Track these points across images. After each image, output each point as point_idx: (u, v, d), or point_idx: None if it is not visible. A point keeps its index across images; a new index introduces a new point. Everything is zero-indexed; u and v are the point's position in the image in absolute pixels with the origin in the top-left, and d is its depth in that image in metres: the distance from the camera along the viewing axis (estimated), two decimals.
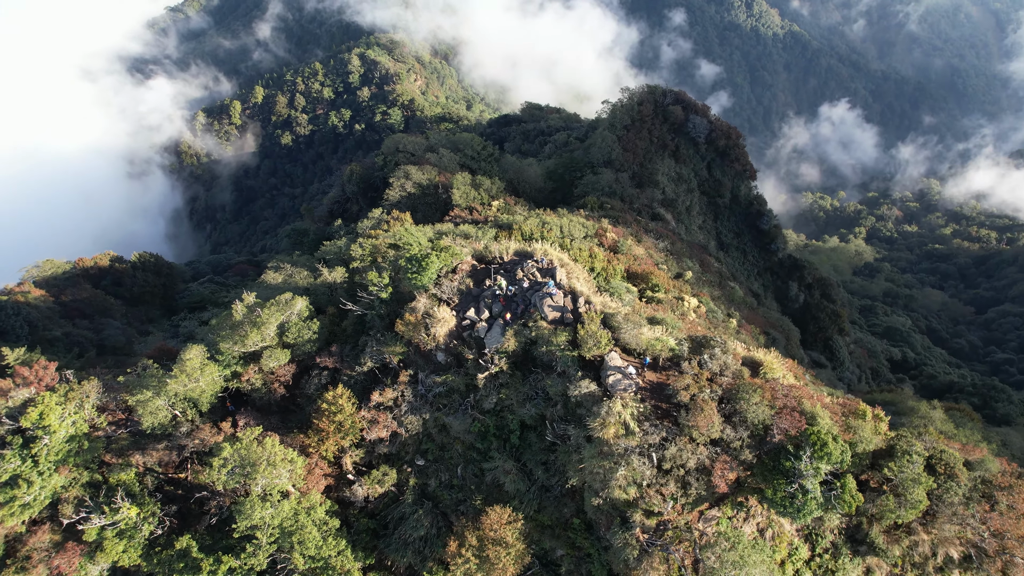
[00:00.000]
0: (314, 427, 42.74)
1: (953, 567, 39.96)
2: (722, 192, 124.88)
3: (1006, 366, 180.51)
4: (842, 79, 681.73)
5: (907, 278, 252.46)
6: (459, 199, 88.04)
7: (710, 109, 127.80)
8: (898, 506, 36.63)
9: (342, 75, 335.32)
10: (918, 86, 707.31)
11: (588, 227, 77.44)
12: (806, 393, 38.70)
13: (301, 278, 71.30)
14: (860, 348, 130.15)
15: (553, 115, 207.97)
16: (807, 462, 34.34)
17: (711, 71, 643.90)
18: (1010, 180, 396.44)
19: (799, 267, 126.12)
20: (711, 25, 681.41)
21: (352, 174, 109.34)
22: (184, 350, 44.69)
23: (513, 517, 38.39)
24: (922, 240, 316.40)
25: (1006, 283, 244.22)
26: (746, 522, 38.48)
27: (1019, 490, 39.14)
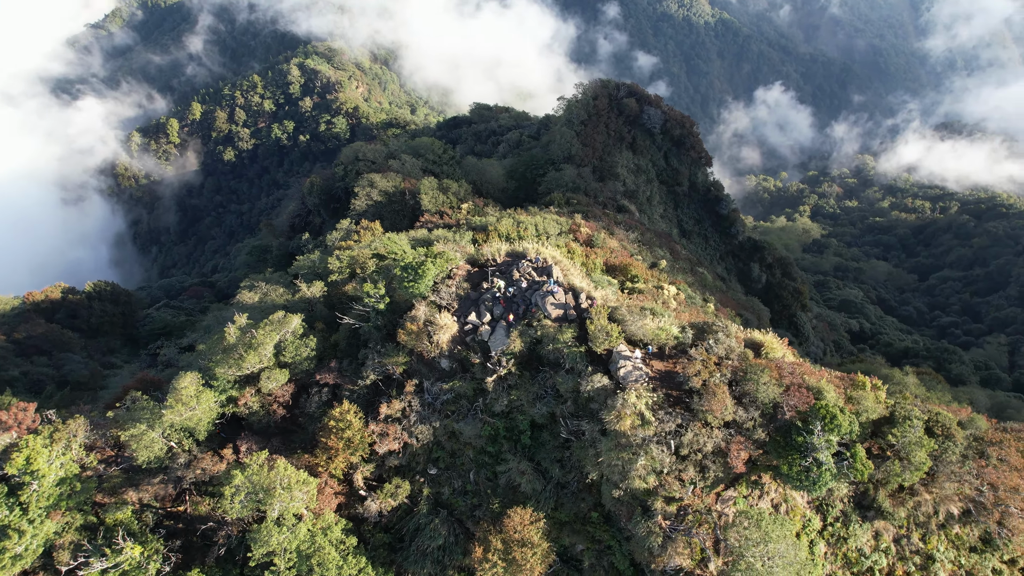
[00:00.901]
0: (321, 445, 41.97)
1: (954, 523, 41.92)
2: (680, 180, 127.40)
3: (951, 328, 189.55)
4: (773, 63, 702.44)
5: (853, 251, 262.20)
6: (428, 204, 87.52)
7: (663, 100, 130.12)
8: (903, 469, 38.17)
9: (282, 86, 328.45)
10: (844, 67, 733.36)
11: (562, 223, 77.98)
12: (808, 369, 39.99)
13: (277, 296, 70.00)
14: (822, 323, 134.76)
15: (503, 114, 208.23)
16: (819, 435, 35.50)
17: (648, 62, 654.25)
18: (936, 152, 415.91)
19: (759, 248, 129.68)
20: (644, 17, 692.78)
21: (312, 186, 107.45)
22: (177, 378, 43.27)
23: (536, 517, 38.50)
24: (863, 214, 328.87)
25: (943, 250, 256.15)
26: (761, 499, 39.53)
27: (1008, 444, 41.25)
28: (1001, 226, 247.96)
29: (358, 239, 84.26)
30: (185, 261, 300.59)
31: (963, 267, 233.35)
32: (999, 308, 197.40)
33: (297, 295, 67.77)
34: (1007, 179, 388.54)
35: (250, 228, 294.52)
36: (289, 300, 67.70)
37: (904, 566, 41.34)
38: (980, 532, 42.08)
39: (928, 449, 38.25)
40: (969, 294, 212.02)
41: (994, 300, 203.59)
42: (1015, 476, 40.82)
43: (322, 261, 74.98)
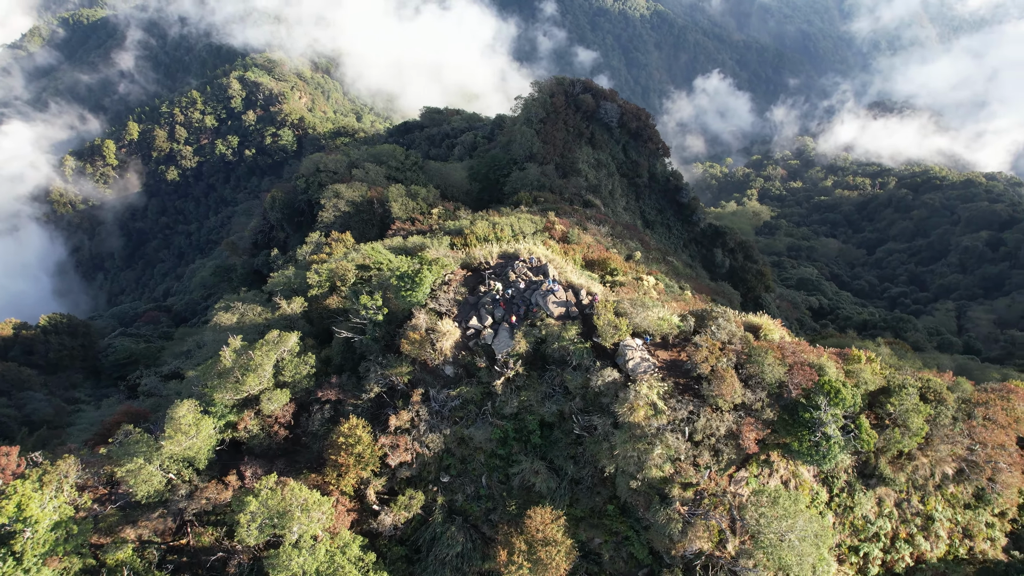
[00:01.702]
0: (331, 463, 41.25)
1: (949, 483, 43.92)
2: (640, 172, 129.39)
3: (902, 298, 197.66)
4: (709, 52, 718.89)
5: (803, 231, 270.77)
6: (398, 211, 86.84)
7: (618, 94, 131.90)
8: (903, 436, 39.75)
9: (223, 101, 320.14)
10: (777, 52, 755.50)
11: (536, 222, 78.34)
12: (806, 347, 41.26)
13: (255, 315, 68.28)
14: (785, 302, 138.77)
15: (455, 117, 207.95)
16: (826, 410, 36.69)
17: (588, 57, 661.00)
18: (871, 130, 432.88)
19: (721, 234, 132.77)
20: (581, 12, 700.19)
21: (274, 201, 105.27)
22: (173, 407, 41.92)
23: (556, 515, 38.68)
24: (808, 194, 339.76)
25: (886, 224, 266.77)
26: (771, 477, 40.62)
27: (993, 403, 43.37)
28: (937, 198, 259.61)
29: (330, 251, 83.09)
30: (134, 287, 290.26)
31: (906, 239, 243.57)
32: (942, 276, 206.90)
33: (277, 313, 66.33)
34: (936, 152, 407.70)
35: (201, 248, 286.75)
36: (269, 318, 66.10)
37: (907, 528, 43.12)
38: (973, 489, 44.16)
39: (925, 415, 39.91)
40: (914, 264, 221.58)
41: (937, 268, 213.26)
42: (1001, 433, 42.98)
43: (298, 276, 73.62)
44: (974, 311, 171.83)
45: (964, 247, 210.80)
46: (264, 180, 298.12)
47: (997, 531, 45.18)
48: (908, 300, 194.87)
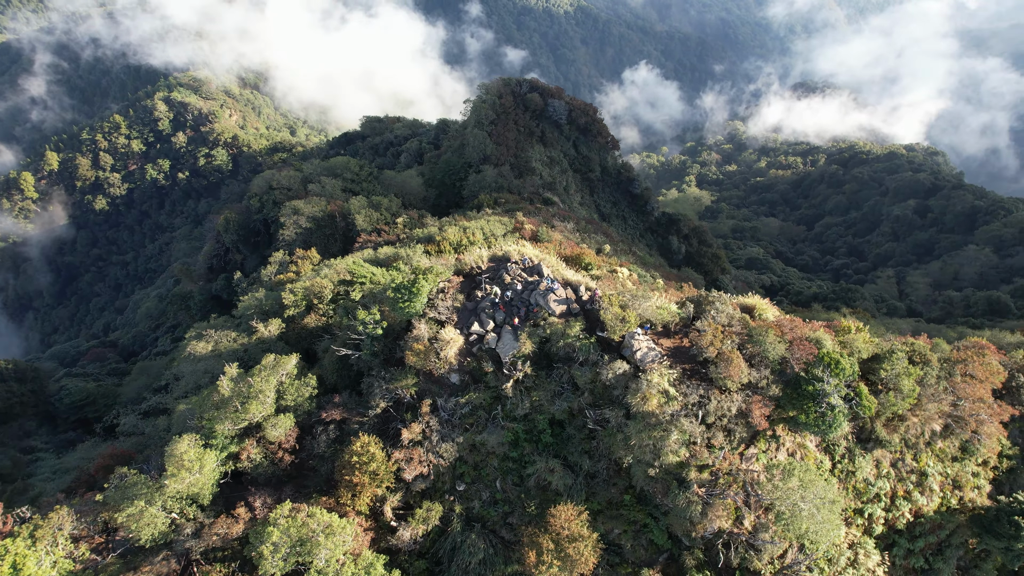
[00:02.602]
0: (345, 483, 40.47)
1: (937, 439, 46.26)
2: (592, 167, 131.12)
3: (844, 270, 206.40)
4: (635, 44, 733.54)
5: (744, 212, 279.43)
6: (363, 223, 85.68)
7: (564, 91, 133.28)
8: (897, 399, 41.71)
9: (149, 124, 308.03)
10: (699, 41, 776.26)
11: (506, 223, 78.60)
12: (800, 323, 42.78)
13: (230, 341, 66.45)
14: (740, 283, 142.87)
15: (396, 124, 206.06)
16: (828, 382, 38.19)
17: (517, 56, 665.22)
18: (796, 111, 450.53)
19: (674, 221, 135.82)
20: (506, 12, 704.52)
21: (228, 223, 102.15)
22: (172, 444, 40.43)
23: (579, 510, 39.01)
24: (744, 176, 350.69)
25: (820, 199, 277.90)
26: (779, 451, 41.96)
27: (971, 360, 45.96)
28: (865, 171, 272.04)
29: (297, 269, 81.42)
30: (68, 324, 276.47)
31: (841, 213, 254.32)
32: (878, 245, 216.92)
33: (254, 337, 64.71)
34: (857, 127, 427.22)
35: (140, 278, 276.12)
36: (246, 343, 64.40)
37: (903, 486, 45.25)
38: (959, 443, 46.66)
39: (915, 377, 41.98)
40: (851, 236, 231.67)
41: (873, 239, 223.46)
42: (980, 387, 45.57)
43: (270, 298, 71.94)
44: (912, 276, 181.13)
45: (895, 216, 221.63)
46: (201, 203, 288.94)
47: (982, 479, 47.90)
48: (850, 271, 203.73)
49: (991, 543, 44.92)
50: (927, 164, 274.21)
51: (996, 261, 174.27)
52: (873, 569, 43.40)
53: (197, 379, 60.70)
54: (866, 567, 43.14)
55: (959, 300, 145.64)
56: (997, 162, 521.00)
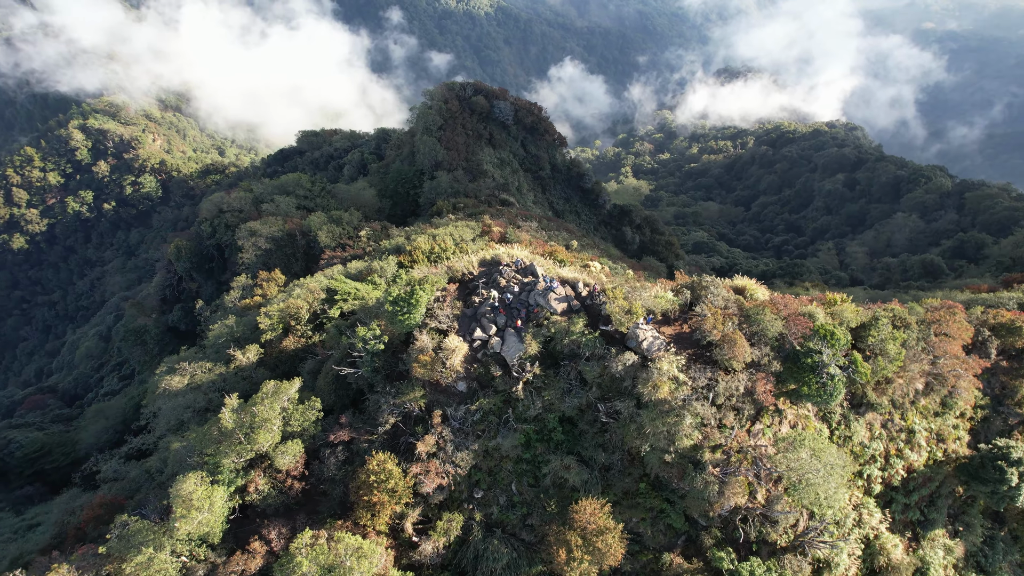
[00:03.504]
0: (363, 504, 39.77)
1: (920, 397, 48.81)
2: (542, 165, 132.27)
3: (785, 246, 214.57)
4: (557, 41, 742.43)
5: (683, 198, 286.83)
6: (326, 239, 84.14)
7: (508, 92, 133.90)
8: (885, 363, 43.84)
9: (65, 154, 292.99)
10: (620, 34, 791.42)
11: (473, 227, 78.60)
12: (791, 299, 44.43)
13: (205, 372, 64.41)
14: (694, 267, 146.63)
15: (335, 137, 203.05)
16: (826, 352, 39.86)
17: (443, 60, 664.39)
18: (721, 96, 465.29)
19: (627, 212, 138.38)
20: (427, 17, 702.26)
21: (180, 251, 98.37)
22: (177, 483, 38.90)
23: (601, 502, 39.50)
24: (678, 164, 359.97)
25: (754, 180, 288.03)
26: (782, 424, 43.46)
27: (944, 319, 48.71)
28: (793, 150, 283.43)
29: (263, 292, 79.37)
30: None
31: (775, 191, 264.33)
32: (814, 220, 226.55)
33: (232, 365, 62.88)
34: (779, 108, 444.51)
35: (71, 318, 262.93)
36: (224, 373, 62.48)
37: (895, 445, 47.58)
38: (939, 399, 49.35)
39: (900, 341, 44.22)
40: (787, 213, 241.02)
41: (808, 214, 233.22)
42: (954, 345, 48.34)
43: (242, 323, 70.05)
44: (850, 246, 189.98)
45: (826, 191, 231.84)
46: (132, 233, 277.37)
47: (961, 431, 50.84)
48: (790, 246, 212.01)
49: (978, 489, 47.77)
50: (849, 139, 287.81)
51: (923, 226, 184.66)
52: (876, 526, 45.51)
53: (178, 415, 58.58)
54: (870, 525, 45.21)
55: (896, 266, 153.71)
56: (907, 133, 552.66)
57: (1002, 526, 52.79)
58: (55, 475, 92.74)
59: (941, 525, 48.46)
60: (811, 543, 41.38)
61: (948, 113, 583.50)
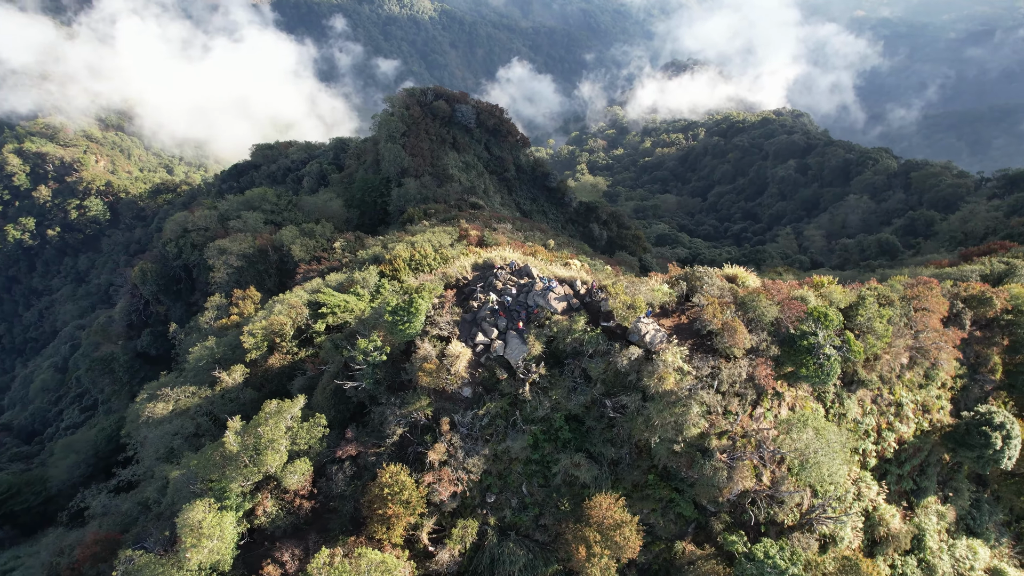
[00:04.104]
0: (377, 517, 39.31)
1: (905, 371, 50.62)
2: (507, 167, 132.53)
3: (744, 233, 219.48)
4: (503, 42, 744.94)
5: (640, 192, 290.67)
6: (300, 253, 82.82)
7: (468, 95, 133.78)
8: (874, 340, 45.36)
9: (2, 180, 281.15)
10: (565, 33, 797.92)
11: (451, 232, 78.39)
12: (782, 285, 45.59)
13: (189, 396, 62.92)
14: (661, 259, 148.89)
15: (290, 149, 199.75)
16: (822, 334, 41.06)
17: (390, 67, 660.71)
18: (669, 90, 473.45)
19: (592, 209, 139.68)
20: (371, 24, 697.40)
21: (145, 274, 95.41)
22: (184, 512, 37.87)
23: (615, 496, 39.92)
24: (632, 158, 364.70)
25: (708, 170, 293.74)
26: (781, 406, 44.58)
27: (923, 294, 50.64)
28: (744, 139, 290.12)
29: (239, 311, 77.72)
30: None
31: (729, 181, 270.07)
32: (769, 206, 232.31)
33: (218, 387, 61.51)
34: (727, 99, 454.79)
35: (19, 351, 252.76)
36: (210, 395, 61.04)
37: (885, 419, 49.26)
38: (923, 371, 51.28)
39: (886, 318, 45.81)
40: (743, 201, 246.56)
41: (764, 201, 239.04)
42: (934, 318, 50.30)
43: (223, 344, 68.53)
44: (807, 230, 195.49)
45: (780, 177, 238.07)
46: (80, 259, 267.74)
47: (944, 400, 52.87)
48: (749, 233, 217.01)
49: (964, 455, 49.76)
50: (797, 126, 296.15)
51: (874, 207, 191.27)
52: (874, 499, 47.04)
53: (167, 443, 56.95)
54: (868, 498, 46.72)
55: (854, 246, 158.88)
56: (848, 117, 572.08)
57: (985, 488, 55.12)
58: (25, 516, 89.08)
59: (932, 492, 50.36)
60: (818, 519, 42.56)
61: (886, 96, 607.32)
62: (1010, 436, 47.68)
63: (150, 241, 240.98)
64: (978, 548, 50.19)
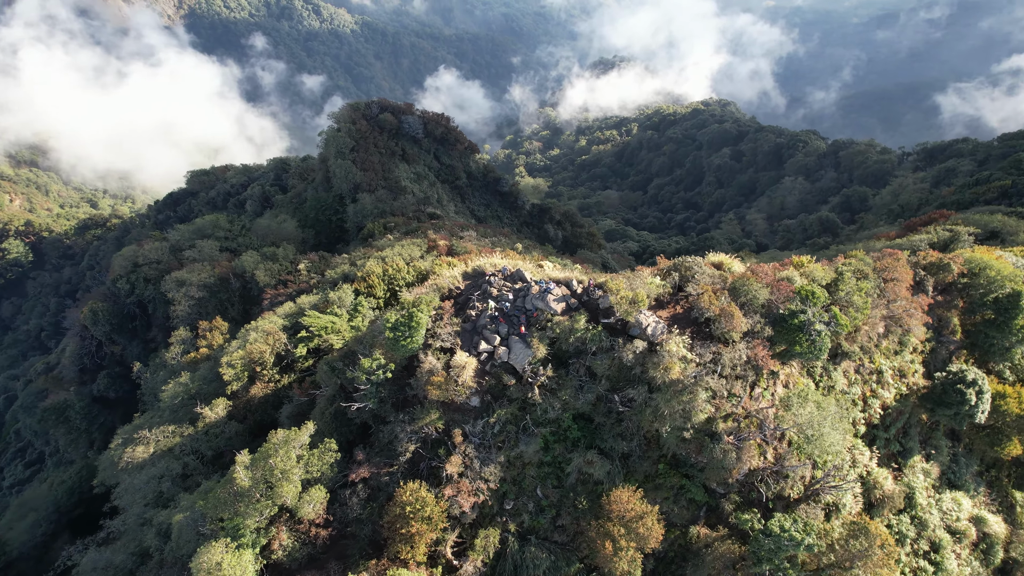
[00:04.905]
0: (400, 536, 38.79)
1: (882, 339, 53.17)
2: (458, 174, 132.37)
3: (687, 222, 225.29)
4: (428, 51, 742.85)
5: (582, 190, 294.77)
6: (265, 278, 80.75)
7: (414, 106, 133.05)
8: (856, 312, 47.54)
9: None
10: (489, 38, 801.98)
11: (419, 244, 77.93)
12: (767, 268, 47.27)
13: (169, 436, 60.68)
14: (615, 254, 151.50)
15: (228, 173, 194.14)
16: (811, 312, 42.81)
17: (315, 82, 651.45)
18: (598, 88, 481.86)
19: (546, 210, 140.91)
20: (292, 40, 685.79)
21: (97, 315, 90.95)
22: (199, 555, 36.51)
23: (633, 488, 40.56)
24: (570, 158, 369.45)
25: (645, 164, 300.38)
26: (776, 384, 46.20)
27: (891, 265, 53.34)
28: (677, 131, 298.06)
29: (208, 343, 75.28)
30: None
31: (667, 172, 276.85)
32: (709, 195, 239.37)
33: (201, 424, 59.51)
34: (655, 93, 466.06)
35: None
36: (193, 433, 58.95)
37: (868, 387, 51.65)
38: (897, 338, 53.97)
39: (864, 291, 48.08)
40: (683, 191, 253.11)
41: (703, 189, 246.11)
42: (903, 287, 53.05)
43: (198, 378, 66.27)
44: (749, 214, 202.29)
45: (716, 165, 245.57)
46: (3, 305, 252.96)
47: (916, 364, 55.77)
48: (692, 222, 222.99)
49: (942, 413, 52.57)
50: (726, 115, 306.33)
51: (809, 187, 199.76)
52: (867, 464, 49.26)
53: (154, 487, 54.71)
54: (862, 464, 48.89)
55: (796, 227, 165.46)
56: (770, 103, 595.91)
57: (959, 443, 58.36)
58: None
59: (917, 452, 53.01)
60: (822, 489, 44.26)
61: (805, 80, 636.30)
62: (982, 391, 50.70)
63: (82, 279, 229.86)
64: (961, 500, 53.09)
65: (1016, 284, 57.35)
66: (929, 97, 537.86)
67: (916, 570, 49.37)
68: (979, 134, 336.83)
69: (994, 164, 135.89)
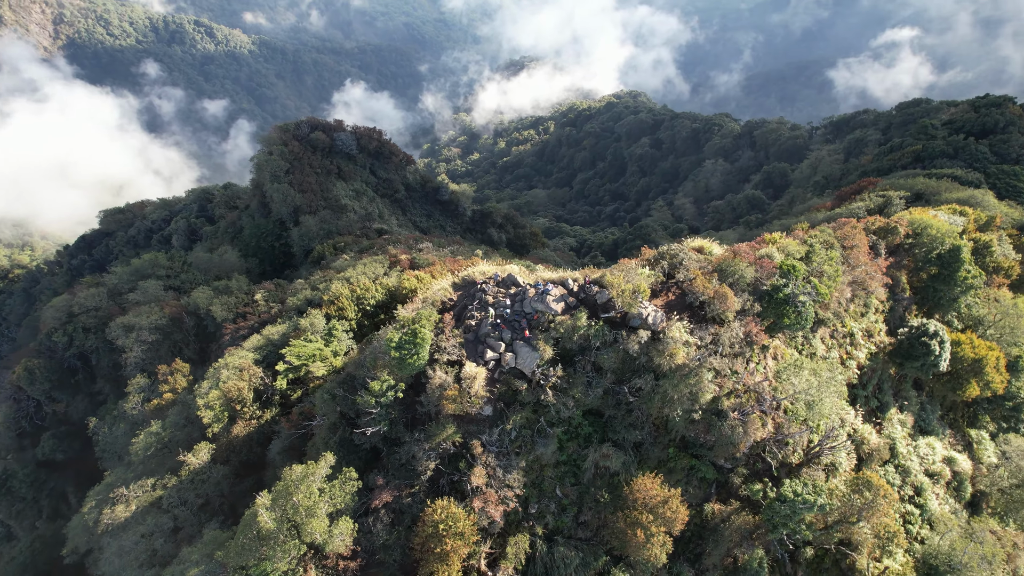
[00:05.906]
0: (434, 555, 38.30)
1: (850, 304, 56.46)
2: (396, 187, 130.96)
3: (617, 213, 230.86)
4: (331, 66, 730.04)
5: (508, 192, 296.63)
6: (222, 313, 77.52)
7: (344, 123, 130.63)
8: (829, 280, 50.33)
9: None
10: (392, 48, 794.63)
11: (381, 260, 76.86)
12: (745, 247, 49.33)
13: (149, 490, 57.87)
14: (558, 251, 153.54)
15: (146, 209, 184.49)
16: (793, 285, 45.08)
17: (218, 107, 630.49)
18: (510, 90, 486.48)
19: (487, 214, 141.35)
20: (187, 65, 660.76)
21: (33, 374, 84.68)
22: None
23: (653, 474, 41.54)
24: (491, 161, 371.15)
25: (567, 160, 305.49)
26: (765, 357, 48.32)
27: (849, 234, 56.69)
28: (595, 125, 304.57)
29: (171, 387, 71.80)
30: None
31: (590, 167, 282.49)
32: (633, 184, 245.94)
33: (184, 471, 56.89)
34: (566, 90, 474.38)
35: None
36: (176, 482, 56.23)
37: (843, 349, 54.75)
38: (862, 301, 57.42)
39: (834, 260, 50.94)
40: (608, 183, 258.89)
41: (627, 180, 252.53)
42: (862, 253, 56.53)
43: (171, 425, 63.23)
44: (676, 199, 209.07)
45: (637, 155, 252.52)
46: None
47: (880, 323, 59.53)
48: (622, 212, 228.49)
49: (910, 365, 56.35)
50: (639, 105, 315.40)
51: (729, 167, 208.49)
52: (853, 422, 52.19)
53: (146, 545, 51.86)
54: (850, 423, 51.75)
55: (724, 207, 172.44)
56: (674, 90, 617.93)
57: (922, 391, 62.62)
58: None
59: (892, 405, 56.51)
60: (822, 452, 46.63)
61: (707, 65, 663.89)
62: (943, 341, 54.65)
63: None
64: (935, 444, 56.95)
65: (954, 239, 62.06)
66: (821, 73, 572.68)
67: (905, 514, 52.53)
68: (868, 104, 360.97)
69: (897, 131, 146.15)
